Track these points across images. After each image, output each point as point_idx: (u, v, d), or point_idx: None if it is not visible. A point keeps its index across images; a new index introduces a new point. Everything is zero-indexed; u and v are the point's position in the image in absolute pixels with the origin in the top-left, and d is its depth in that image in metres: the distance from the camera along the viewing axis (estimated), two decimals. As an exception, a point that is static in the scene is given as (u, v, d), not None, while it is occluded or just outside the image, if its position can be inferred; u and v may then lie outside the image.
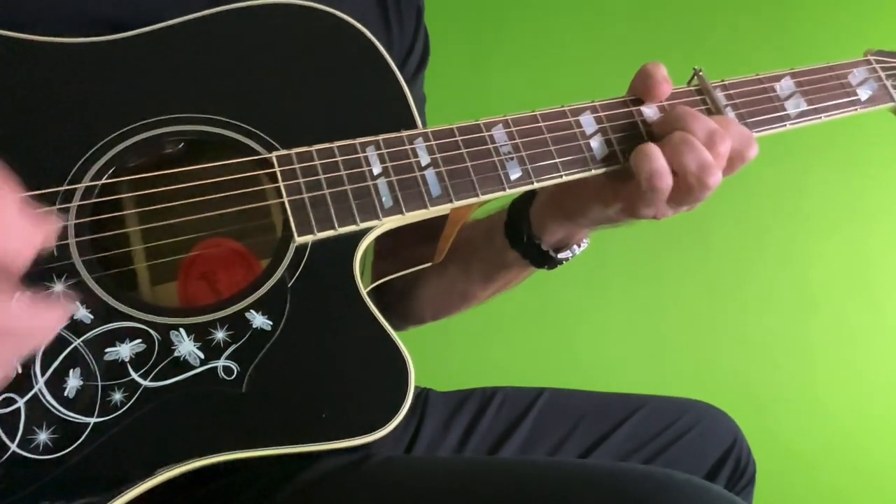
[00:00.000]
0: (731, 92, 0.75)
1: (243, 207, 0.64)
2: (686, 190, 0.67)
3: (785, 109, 0.75)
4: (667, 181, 0.66)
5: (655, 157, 0.66)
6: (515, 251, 0.79)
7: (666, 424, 0.90)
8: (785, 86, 0.76)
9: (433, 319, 0.93)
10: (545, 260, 0.79)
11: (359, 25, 0.69)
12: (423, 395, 0.94)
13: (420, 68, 0.89)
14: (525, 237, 0.78)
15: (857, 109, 0.78)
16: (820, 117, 0.76)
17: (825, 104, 0.77)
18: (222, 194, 0.63)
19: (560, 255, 0.79)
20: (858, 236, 1.84)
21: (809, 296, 1.83)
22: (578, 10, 1.73)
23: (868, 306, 1.86)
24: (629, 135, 0.70)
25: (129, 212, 0.63)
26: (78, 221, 0.59)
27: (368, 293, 0.63)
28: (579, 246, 0.80)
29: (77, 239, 0.58)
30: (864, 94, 0.78)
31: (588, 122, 0.70)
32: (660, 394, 0.96)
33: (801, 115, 0.76)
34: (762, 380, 1.82)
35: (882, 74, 0.80)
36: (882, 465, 1.85)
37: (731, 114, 0.73)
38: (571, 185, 0.74)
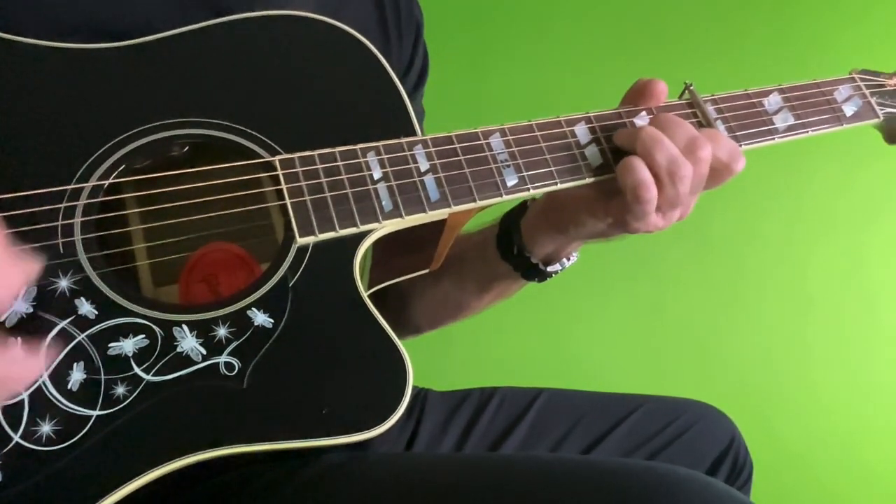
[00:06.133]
0: (721, 106, 0.77)
1: (245, 209, 0.65)
2: (663, 192, 0.68)
3: (773, 123, 0.78)
4: (651, 192, 0.68)
5: (639, 169, 0.68)
6: (506, 263, 0.80)
7: (664, 424, 0.91)
8: (773, 101, 0.78)
9: (430, 329, 0.94)
10: (535, 273, 0.80)
11: (361, 37, 0.71)
12: (421, 395, 0.94)
13: (419, 84, 0.90)
14: (515, 249, 0.79)
15: (842, 125, 0.80)
16: (807, 131, 0.79)
17: (812, 119, 0.79)
18: (225, 196, 0.64)
19: (549, 269, 0.80)
20: (856, 236, 1.84)
21: (807, 295, 1.83)
22: (575, 18, 1.76)
23: (865, 306, 1.86)
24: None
25: (134, 210, 0.64)
26: (84, 219, 0.60)
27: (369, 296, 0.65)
28: (568, 259, 0.81)
29: (83, 236, 0.59)
30: (849, 110, 0.81)
31: (583, 132, 0.72)
32: (657, 394, 0.96)
33: (789, 129, 0.78)
34: (760, 379, 1.81)
35: (866, 92, 0.82)
36: (879, 464, 1.85)
37: (721, 127, 0.75)
38: (562, 200, 0.76)
